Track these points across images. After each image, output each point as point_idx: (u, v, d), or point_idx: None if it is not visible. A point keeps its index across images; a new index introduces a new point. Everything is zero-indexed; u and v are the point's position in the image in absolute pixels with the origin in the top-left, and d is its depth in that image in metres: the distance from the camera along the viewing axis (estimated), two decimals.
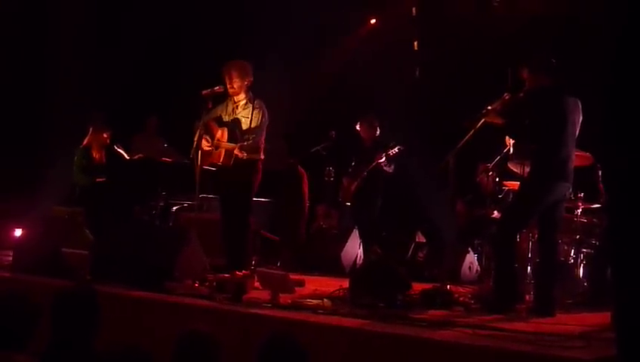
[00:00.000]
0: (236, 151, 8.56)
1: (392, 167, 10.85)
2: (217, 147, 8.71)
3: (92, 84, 13.21)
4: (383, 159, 10.72)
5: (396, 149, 10.70)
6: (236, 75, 8.69)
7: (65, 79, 13.38)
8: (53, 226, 9.61)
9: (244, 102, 8.78)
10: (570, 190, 7.52)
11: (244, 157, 8.57)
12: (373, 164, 10.81)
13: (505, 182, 9.28)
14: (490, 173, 9.88)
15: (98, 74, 13.39)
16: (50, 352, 4.36)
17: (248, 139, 8.60)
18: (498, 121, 7.55)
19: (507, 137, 8.16)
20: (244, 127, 8.69)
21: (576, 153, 7.39)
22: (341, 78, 13.81)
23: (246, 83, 8.74)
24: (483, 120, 7.62)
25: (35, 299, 4.74)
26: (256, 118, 8.67)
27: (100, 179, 11.41)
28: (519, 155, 8.24)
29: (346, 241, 11.38)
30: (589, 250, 8.39)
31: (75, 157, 11.55)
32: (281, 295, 7.02)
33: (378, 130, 11.11)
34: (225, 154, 8.65)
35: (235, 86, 8.70)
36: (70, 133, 12.14)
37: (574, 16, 10.57)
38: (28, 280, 8.24)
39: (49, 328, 4.50)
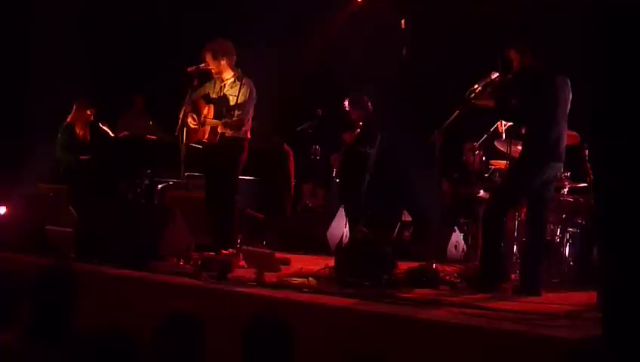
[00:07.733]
0: (219, 128, 8.51)
1: (368, 147, 10.74)
2: (203, 124, 8.65)
3: (77, 61, 13.11)
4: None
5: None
6: (210, 58, 8.61)
7: (49, 56, 13.25)
8: (38, 204, 9.58)
9: (231, 80, 8.70)
10: (562, 170, 7.48)
11: (228, 134, 8.52)
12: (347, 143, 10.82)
13: (491, 161, 9.26)
14: (477, 151, 9.89)
15: (83, 50, 13.29)
16: (30, 331, 4.32)
17: (234, 116, 8.53)
18: (489, 103, 7.51)
19: (500, 121, 8.16)
20: (232, 103, 8.62)
21: None
22: (328, 56, 13.75)
23: (225, 62, 8.63)
24: (474, 103, 7.57)
25: (19, 277, 4.70)
26: (244, 95, 8.58)
27: (84, 157, 11.32)
28: (508, 135, 8.22)
29: (332, 220, 11.35)
30: (575, 230, 8.38)
31: (59, 135, 11.46)
32: (266, 273, 6.99)
33: (370, 108, 10.97)
34: (210, 131, 8.60)
35: (212, 68, 8.64)
36: (55, 110, 12.04)
37: None
38: (12, 258, 8.21)
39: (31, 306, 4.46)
